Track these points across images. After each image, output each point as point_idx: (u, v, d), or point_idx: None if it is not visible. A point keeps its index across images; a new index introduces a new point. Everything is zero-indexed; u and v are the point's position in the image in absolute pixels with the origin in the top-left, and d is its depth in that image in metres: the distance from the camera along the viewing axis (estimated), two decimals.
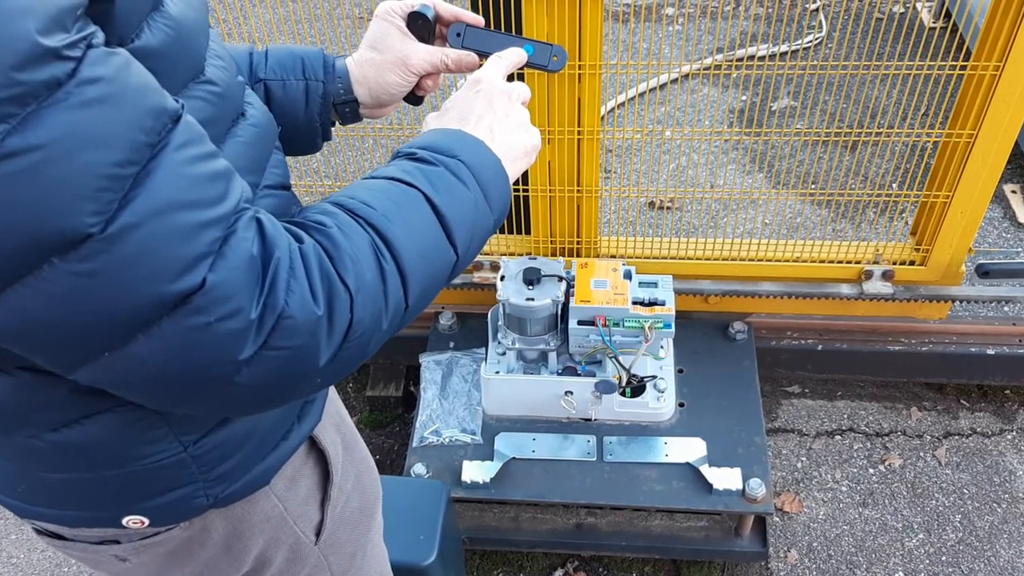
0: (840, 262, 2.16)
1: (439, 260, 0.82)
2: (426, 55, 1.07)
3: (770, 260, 2.17)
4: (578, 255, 2.18)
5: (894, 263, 2.15)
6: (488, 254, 2.22)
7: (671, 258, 2.18)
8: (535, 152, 0.97)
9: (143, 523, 0.92)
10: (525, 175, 2.04)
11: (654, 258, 2.19)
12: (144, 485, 0.89)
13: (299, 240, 0.74)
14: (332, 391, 1.15)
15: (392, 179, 0.83)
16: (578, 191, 2.06)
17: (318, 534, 1.09)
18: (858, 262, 2.15)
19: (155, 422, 0.84)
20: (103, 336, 0.65)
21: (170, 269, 0.64)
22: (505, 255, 2.20)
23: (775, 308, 2.28)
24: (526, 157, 0.95)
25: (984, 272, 2.15)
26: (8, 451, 0.86)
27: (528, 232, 2.18)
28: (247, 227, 0.69)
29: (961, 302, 2.31)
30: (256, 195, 0.87)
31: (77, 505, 0.91)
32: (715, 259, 2.18)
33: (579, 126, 1.94)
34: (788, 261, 2.16)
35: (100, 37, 0.61)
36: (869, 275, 2.15)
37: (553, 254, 2.18)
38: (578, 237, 2.16)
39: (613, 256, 2.19)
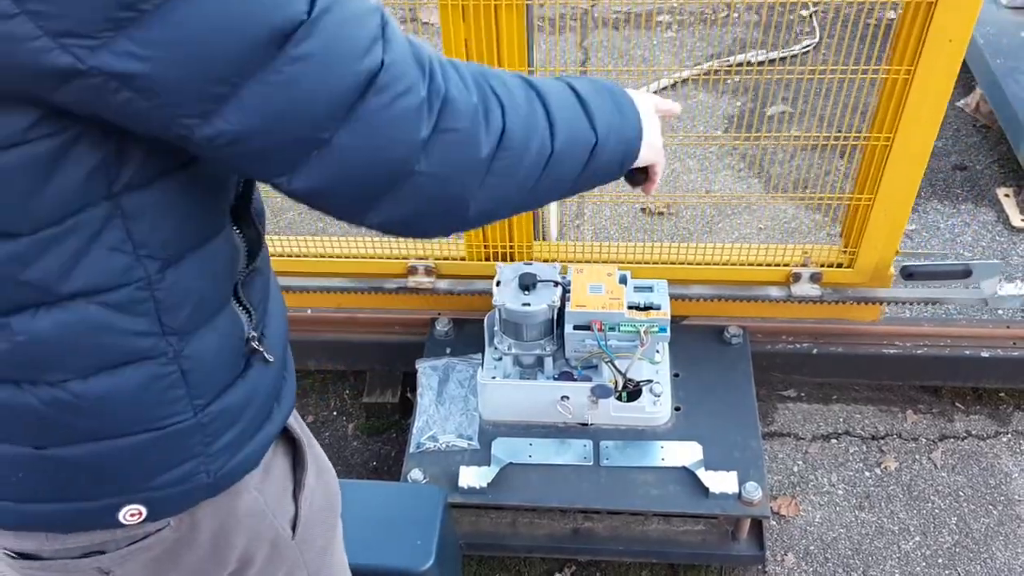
0: (770, 265, 2.17)
1: (580, 130, 0.92)
2: None
3: (699, 264, 2.18)
4: (511, 259, 2.18)
5: (822, 266, 2.16)
6: (423, 258, 2.22)
7: (628, 262, 2.18)
8: (661, 155, 1.10)
9: (140, 514, 0.91)
10: None
11: (582, 261, 2.18)
12: (150, 457, 0.89)
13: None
14: None
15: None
16: None
17: (294, 528, 1.10)
18: (787, 265, 2.17)
19: (176, 381, 0.87)
20: (316, 123, 0.73)
21: (358, 48, 0.74)
22: (440, 259, 2.20)
23: (705, 311, 2.29)
24: (656, 151, 1.07)
25: (908, 274, 2.15)
26: (20, 421, 0.84)
27: (461, 236, 2.19)
28: (392, 20, 0.79)
29: (890, 304, 2.32)
30: None
31: (76, 493, 0.90)
32: (650, 263, 2.19)
33: None
34: (718, 264, 2.18)
35: None
36: (797, 277, 2.16)
37: (486, 259, 2.19)
38: (511, 241, 2.17)
39: (587, 261, 2.20)
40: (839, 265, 2.17)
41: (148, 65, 0.65)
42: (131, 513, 0.91)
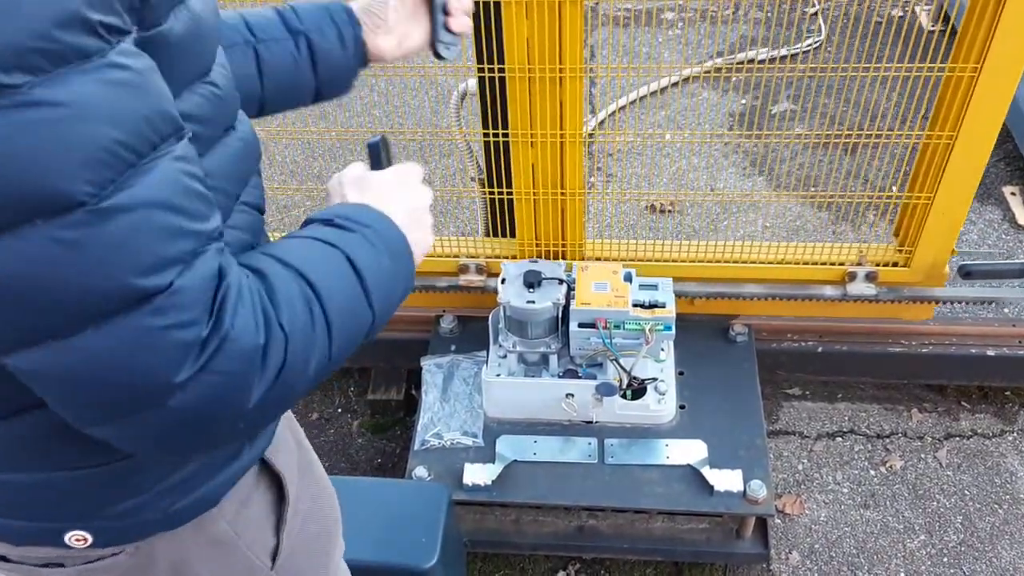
0: (824, 264, 2.16)
1: (359, 317, 0.85)
2: None
3: (754, 262, 2.18)
4: (564, 257, 2.18)
5: (878, 264, 2.15)
6: (474, 257, 2.22)
7: (660, 261, 2.19)
8: (425, 252, 1.01)
9: (85, 541, 0.90)
10: (509, 178, 2.05)
11: (643, 261, 2.18)
12: (92, 492, 0.88)
13: (245, 276, 0.77)
14: (291, 418, 1.14)
15: (314, 239, 0.86)
16: (562, 194, 2.06)
17: (274, 559, 1.07)
18: (842, 264, 2.16)
19: None
20: (59, 316, 0.66)
21: (145, 263, 0.67)
22: (491, 257, 2.20)
23: (760, 310, 2.29)
24: (420, 253, 0.99)
25: (966, 273, 2.15)
26: None
27: (513, 235, 2.19)
28: (216, 253, 0.73)
29: (945, 303, 2.31)
30: (234, 208, 0.91)
31: (22, 514, 0.89)
32: (701, 262, 2.18)
33: (561, 129, 1.94)
34: (772, 263, 2.17)
35: (132, 39, 0.68)
36: (853, 277, 2.15)
37: (539, 257, 2.19)
38: (563, 240, 2.16)
39: (598, 259, 2.20)
40: (894, 264, 2.16)
41: None
42: (76, 538, 0.90)
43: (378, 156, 1.07)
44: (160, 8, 0.72)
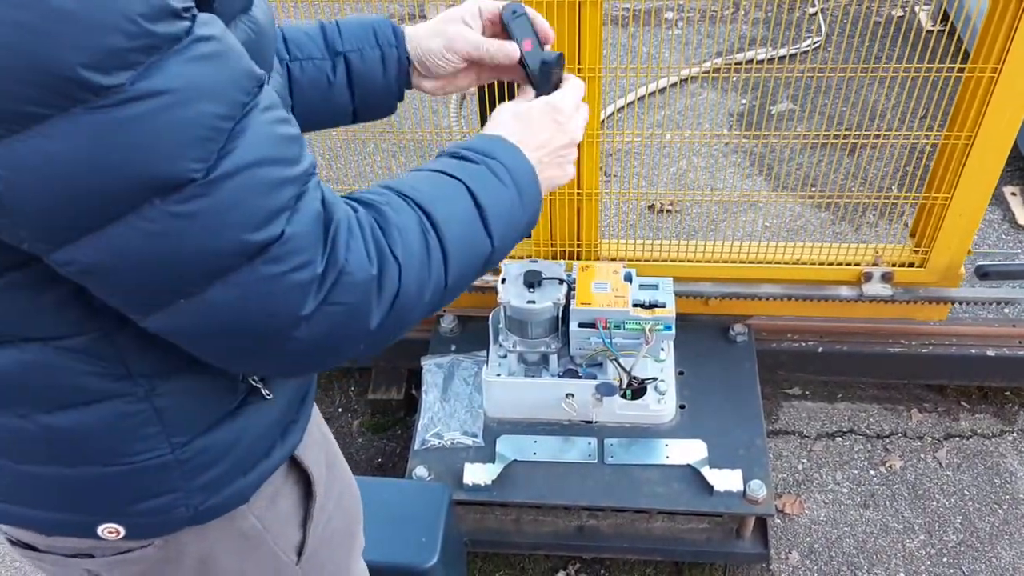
0: (840, 264, 2.16)
1: (477, 247, 0.89)
2: (470, 36, 1.09)
3: (770, 262, 2.17)
4: (578, 258, 2.18)
5: (893, 265, 2.15)
6: None
7: (671, 261, 2.19)
8: (558, 186, 1.06)
9: (118, 533, 0.91)
10: None
11: (654, 261, 2.19)
12: (125, 488, 0.89)
13: (354, 211, 0.80)
14: (316, 411, 1.14)
15: (437, 171, 0.89)
16: (578, 194, 2.06)
17: (300, 554, 1.08)
18: (857, 264, 2.16)
19: (149, 418, 0.86)
20: (186, 278, 0.70)
21: (255, 219, 0.70)
22: (507, 257, 2.20)
23: (775, 311, 2.29)
24: (552, 187, 1.03)
25: (983, 274, 2.15)
26: None
27: (528, 235, 2.19)
28: (315, 188, 0.76)
29: (960, 304, 2.31)
30: None
31: (55, 506, 0.90)
32: (715, 262, 2.18)
33: None
34: (788, 263, 2.17)
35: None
36: (869, 277, 2.16)
37: (554, 257, 2.19)
38: (578, 240, 2.16)
39: (613, 259, 2.20)
40: (910, 265, 2.16)
41: (2, 184, 0.63)
42: (108, 531, 0.91)
43: (548, 76, 1.05)
44: (222, 14, 0.72)
